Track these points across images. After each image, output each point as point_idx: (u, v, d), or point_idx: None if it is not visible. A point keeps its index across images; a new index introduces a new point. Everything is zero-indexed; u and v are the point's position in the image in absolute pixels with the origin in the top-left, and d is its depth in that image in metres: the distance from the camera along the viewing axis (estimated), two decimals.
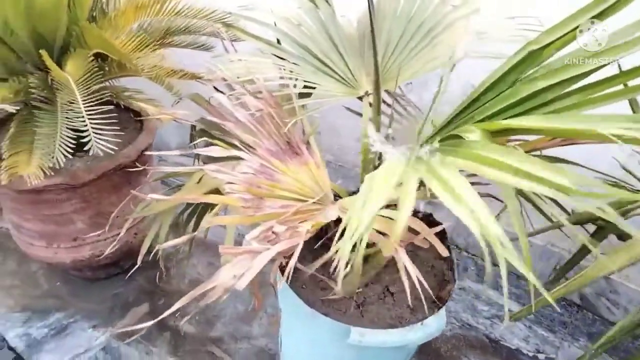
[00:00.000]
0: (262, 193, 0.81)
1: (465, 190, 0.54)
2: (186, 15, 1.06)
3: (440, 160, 0.62)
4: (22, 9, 0.94)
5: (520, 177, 0.52)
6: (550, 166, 0.51)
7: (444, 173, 0.58)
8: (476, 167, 0.57)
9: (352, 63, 1.03)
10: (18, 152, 0.92)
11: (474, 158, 0.58)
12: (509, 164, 0.54)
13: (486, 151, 0.57)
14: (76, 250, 1.29)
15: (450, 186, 0.56)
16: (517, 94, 0.67)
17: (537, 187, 0.51)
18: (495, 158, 0.56)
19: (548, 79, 0.64)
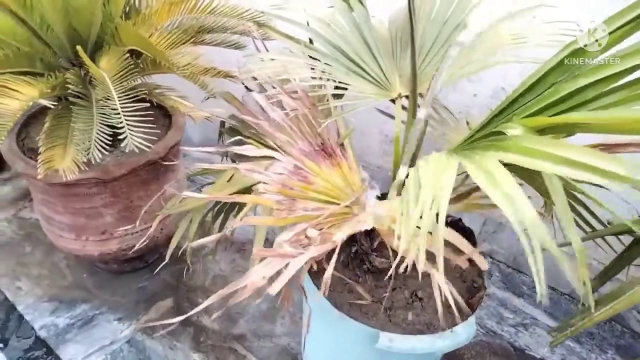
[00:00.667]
0: (295, 194, 0.81)
1: (502, 176, 0.53)
2: (219, 13, 1.06)
3: (481, 154, 0.60)
4: (59, 4, 0.96)
5: (570, 166, 0.50)
6: (602, 154, 0.49)
7: (483, 162, 0.57)
8: (521, 159, 0.55)
9: (385, 64, 1.02)
10: (54, 146, 0.94)
11: (518, 150, 0.56)
12: (557, 153, 0.52)
13: (531, 143, 0.56)
14: (104, 243, 1.31)
15: (488, 171, 0.55)
16: (559, 91, 0.65)
17: (588, 175, 0.49)
18: (541, 149, 0.54)
19: (590, 76, 0.62)
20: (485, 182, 0.54)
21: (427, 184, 0.56)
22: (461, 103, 1.54)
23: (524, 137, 0.58)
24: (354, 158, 0.90)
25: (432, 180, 0.55)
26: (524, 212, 0.49)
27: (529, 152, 0.54)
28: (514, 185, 0.51)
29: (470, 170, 0.58)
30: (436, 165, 0.59)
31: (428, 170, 0.58)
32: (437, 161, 0.61)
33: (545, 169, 0.52)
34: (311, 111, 0.89)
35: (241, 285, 0.76)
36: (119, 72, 0.91)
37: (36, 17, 1.01)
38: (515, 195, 0.50)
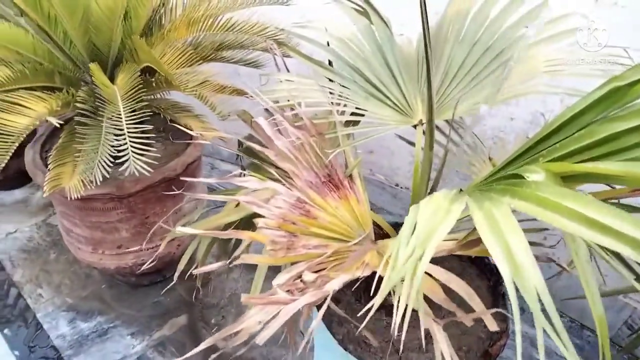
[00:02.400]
0: (296, 230, 0.76)
1: (509, 227, 0.45)
2: (238, 31, 1.03)
3: (493, 199, 0.53)
4: (78, 20, 0.95)
5: (592, 228, 0.43)
6: (630, 218, 0.41)
7: (493, 208, 0.50)
8: (536, 210, 0.47)
9: (407, 88, 0.96)
10: (64, 164, 0.93)
11: (535, 200, 0.49)
12: (578, 210, 0.44)
13: (550, 193, 0.48)
14: (120, 257, 1.30)
15: (495, 219, 0.48)
16: (593, 134, 0.57)
17: (612, 242, 0.41)
18: (560, 202, 0.46)
19: (630, 121, 0.53)
20: (487, 232, 0.47)
21: (421, 227, 0.49)
22: (497, 127, 1.45)
23: (544, 185, 0.51)
24: (364, 190, 0.84)
25: (427, 224, 0.49)
26: (525, 274, 0.42)
27: (546, 204, 0.47)
28: (521, 241, 0.44)
29: (475, 216, 0.51)
30: (436, 208, 0.52)
31: (426, 212, 0.52)
32: (439, 203, 0.54)
33: (562, 226, 0.45)
34: (318, 140, 0.83)
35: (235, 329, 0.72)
36: (129, 91, 0.90)
37: (60, 32, 1.02)
38: (519, 249, 0.43)
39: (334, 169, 0.84)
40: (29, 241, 1.61)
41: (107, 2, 0.90)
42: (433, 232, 0.47)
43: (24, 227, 1.66)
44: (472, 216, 0.50)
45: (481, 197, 0.56)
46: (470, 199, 0.55)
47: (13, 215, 1.70)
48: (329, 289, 0.60)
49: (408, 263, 0.46)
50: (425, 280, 0.66)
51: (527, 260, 0.42)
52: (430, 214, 0.50)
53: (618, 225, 0.41)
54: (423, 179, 0.87)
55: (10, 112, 0.83)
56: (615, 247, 0.41)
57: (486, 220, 0.47)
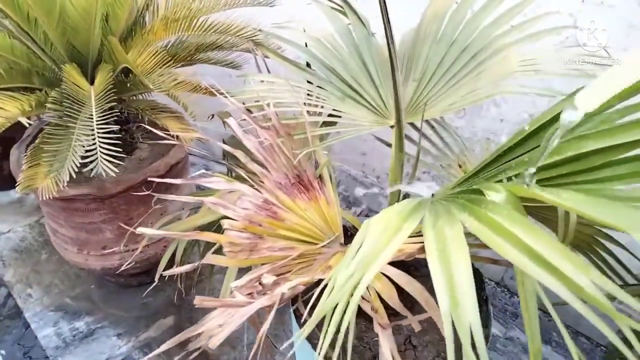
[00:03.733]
0: (262, 232, 0.75)
1: (456, 252, 0.44)
2: (216, 31, 1.03)
3: (450, 215, 0.51)
4: (55, 21, 0.95)
5: (535, 263, 0.41)
6: (574, 258, 0.39)
7: (446, 228, 0.48)
8: (488, 236, 0.46)
9: (384, 89, 0.94)
10: (38, 164, 0.93)
11: (487, 222, 0.47)
12: (527, 243, 0.42)
13: (504, 218, 0.46)
14: (105, 258, 1.30)
15: (444, 239, 0.46)
16: (561, 152, 0.54)
17: (550, 280, 0.39)
18: (512, 231, 0.44)
19: (601, 140, 0.51)
20: (434, 256, 0.45)
21: (365, 248, 0.47)
22: (487, 129, 1.42)
23: (501, 207, 0.49)
24: (334, 192, 0.83)
25: (372, 245, 0.47)
26: (462, 310, 0.40)
27: (497, 229, 0.45)
28: (465, 273, 0.42)
29: (426, 233, 0.49)
30: (386, 226, 0.50)
31: (375, 230, 0.50)
32: (390, 219, 0.52)
33: (507, 256, 0.43)
34: (287, 141, 0.82)
35: (197, 332, 0.71)
36: (102, 92, 0.90)
37: (40, 33, 1.02)
38: (461, 287, 0.41)
39: (303, 170, 0.83)
40: (21, 241, 1.63)
41: (81, 3, 0.90)
42: (376, 256, 0.45)
43: (18, 227, 1.68)
44: (423, 232, 0.49)
45: (439, 212, 0.54)
46: (428, 213, 0.53)
47: (8, 215, 1.71)
48: (278, 292, 0.59)
49: (345, 287, 0.44)
50: (382, 282, 0.64)
51: (467, 296, 0.40)
52: (378, 233, 0.48)
53: (562, 264, 0.39)
54: (396, 181, 0.85)
55: None
56: (557, 289, 0.39)
57: (436, 242, 0.46)
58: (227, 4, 1.13)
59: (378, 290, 0.64)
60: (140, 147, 1.32)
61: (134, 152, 1.30)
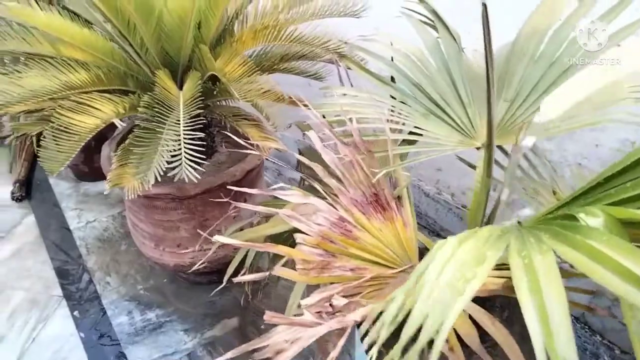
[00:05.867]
0: (334, 249, 0.73)
1: (549, 279, 0.39)
2: (302, 42, 1.03)
3: (539, 242, 0.47)
4: (152, 28, 1.00)
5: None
6: None
7: (535, 256, 0.44)
8: (586, 264, 0.41)
9: (472, 108, 0.90)
10: (127, 164, 0.98)
11: (586, 250, 0.42)
12: (635, 272, 0.37)
13: (606, 245, 0.41)
14: (178, 255, 1.35)
15: (533, 266, 0.42)
16: None
17: None
18: (614, 258, 0.40)
19: None
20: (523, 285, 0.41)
21: (449, 273, 0.43)
22: (579, 153, 1.32)
23: (601, 233, 0.44)
24: (412, 214, 0.79)
25: (455, 274, 0.43)
26: (557, 345, 0.35)
27: (599, 258, 0.40)
28: (560, 305, 0.38)
29: (512, 261, 0.45)
30: (469, 253, 0.46)
31: (460, 256, 0.46)
32: (472, 245, 0.48)
33: (616, 290, 0.38)
34: (367, 158, 0.80)
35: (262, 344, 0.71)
36: (189, 98, 0.92)
37: (137, 39, 1.08)
38: (555, 320, 0.37)
39: (381, 189, 0.80)
40: (104, 231, 1.73)
41: (178, 12, 0.94)
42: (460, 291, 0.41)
43: (102, 217, 1.79)
44: (509, 261, 0.44)
45: (527, 239, 0.50)
46: (514, 240, 0.49)
47: (94, 205, 1.84)
48: (351, 319, 0.57)
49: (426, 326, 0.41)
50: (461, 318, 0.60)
51: (563, 331, 0.36)
52: (460, 262, 0.44)
53: None
54: (480, 206, 0.80)
55: (79, 113, 0.88)
56: None
57: (525, 271, 0.42)
58: (313, 14, 1.13)
59: (455, 327, 0.59)
60: (220, 151, 1.36)
61: (213, 155, 1.34)
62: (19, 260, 1.60)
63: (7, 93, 0.84)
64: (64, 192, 1.90)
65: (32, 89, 0.87)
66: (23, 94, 0.86)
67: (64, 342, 1.38)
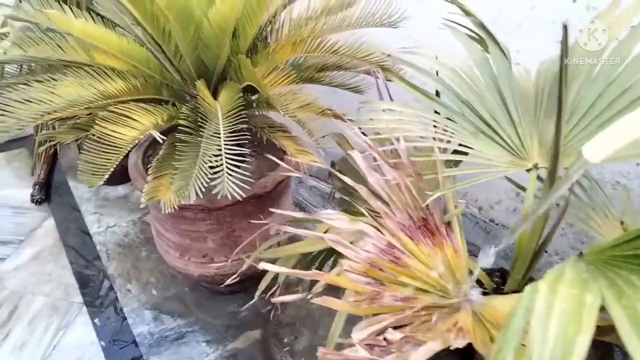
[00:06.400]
0: (383, 277, 0.70)
1: None
2: (342, 54, 1.00)
3: (635, 290, 0.44)
4: (190, 36, 0.97)
5: None
6: None
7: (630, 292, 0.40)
8: None
9: (522, 127, 0.86)
10: (162, 176, 0.95)
11: None
12: None
13: None
14: (204, 266, 1.32)
15: (637, 320, 0.38)
16: None
17: None
18: None
19: None
20: (632, 335, 0.38)
21: (553, 332, 0.40)
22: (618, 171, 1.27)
23: None
24: (462, 240, 0.76)
25: (558, 331, 0.39)
26: None
27: None
28: None
29: (614, 311, 0.41)
30: (565, 301, 0.43)
31: (557, 306, 0.42)
32: (566, 292, 0.44)
33: None
34: (415, 181, 0.77)
35: None
36: (230, 110, 0.89)
37: (172, 47, 1.05)
38: None
39: (430, 213, 0.77)
40: (125, 236, 1.71)
41: (218, 21, 0.91)
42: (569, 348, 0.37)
43: (122, 222, 1.77)
44: (608, 309, 0.41)
45: (614, 280, 0.47)
46: (603, 282, 0.45)
47: (114, 210, 1.81)
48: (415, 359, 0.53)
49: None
50: None
51: None
52: (562, 310, 0.40)
53: None
54: (534, 234, 0.77)
55: (118, 124, 0.86)
56: None
57: (629, 322, 0.38)
58: (349, 25, 1.10)
59: None
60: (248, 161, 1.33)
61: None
62: (39, 265, 1.59)
63: (44, 102, 0.82)
64: (84, 195, 1.88)
65: (70, 99, 0.84)
66: (60, 103, 0.83)
67: (84, 350, 1.36)
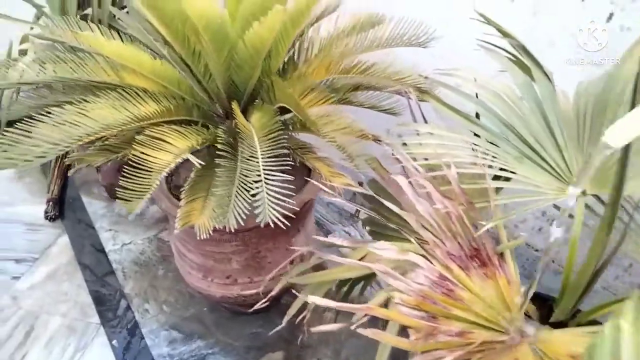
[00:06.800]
0: (436, 311, 0.67)
1: None
2: (378, 75, 0.98)
3: None
4: (224, 57, 0.95)
5: None
6: None
7: None
8: None
9: (568, 152, 0.84)
10: (195, 199, 0.93)
11: None
12: None
13: None
14: (227, 287, 1.29)
15: None
16: None
17: None
18: None
19: None
20: None
21: None
22: None
23: None
24: (516, 271, 0.73)
25: None
26: None
27: None
28: None
29: None
30: None
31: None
32: None
33: None
34: (467, 210, 0.74)
35: None
36: (268, 134, 0.87)
37: (201, 67, 1.03)
38: None
39: (482, 242, 0.75)
40: (141, 254, 1.68)
41: (254, 42, 0.89)
42: None
43: (138, 239, 1.74)
44: None
45: None
46: None
47: (129, 227, 1.78)
48: None
49: None
50: None
51: None
52: None
53: None
54: (590, 263, 0.74)
55: (154, 148, 0.83)
56: None
57: None
58: (379, 45, 1.08)
59: None
60: None
61: None
62: (55, 284, 1.55)
63: (78, 125, 0.79)
64: (98, 211, 1.85)
65: (105, 122, 0.82)
66: (95, 127, 0.81)
67: None
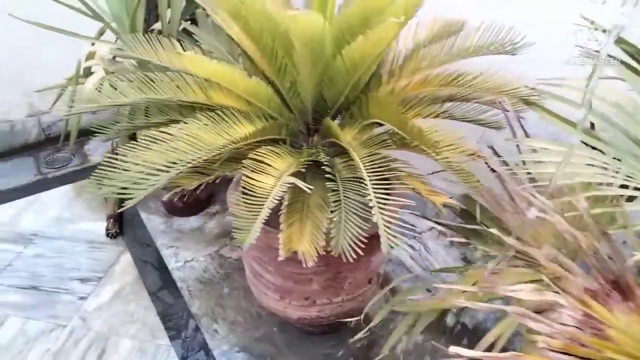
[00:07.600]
0: (587, 354, 0.61)
1: None
2: (479, 88, 0.92)
3: None
4: (317, 73, 0.91)
5: None
6: None
7: None
8: None
9: None
10: (292, 224, 0.89)
11: None
12: None
13: None
14: (304, 309, 1.25)
15: None
16: None
17: None
18: None
19: None
20: None
21: None
22: None
23: None
24: None
25: None
26: None
27: None
28: None
29: None
30: None
31: None
32: None
33: None
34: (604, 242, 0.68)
35: None
36: (371, 153, 0.83)
37: (286, 82, 1.00)
38: None
39: (621, 275, 0.68)
40: (204, 272, 1.65)
41: (352, 57, 0.84)
42: None
43: (200, 256, 1.71)
44: None
45: None
46: None
47: (190, 243, 1.76)
48: None
49: None
50: None
51: None
52: None
53: None
54: None
55: (258, 172, 0.80)
56: None
57: None
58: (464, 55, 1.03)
59: None
60: None
61: None
62: (122, 304, 1.53)
63: (187, 152, 0.76)
64: (157, 227, 1.83)
65: (210, 146, 0.79)
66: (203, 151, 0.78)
67: None
